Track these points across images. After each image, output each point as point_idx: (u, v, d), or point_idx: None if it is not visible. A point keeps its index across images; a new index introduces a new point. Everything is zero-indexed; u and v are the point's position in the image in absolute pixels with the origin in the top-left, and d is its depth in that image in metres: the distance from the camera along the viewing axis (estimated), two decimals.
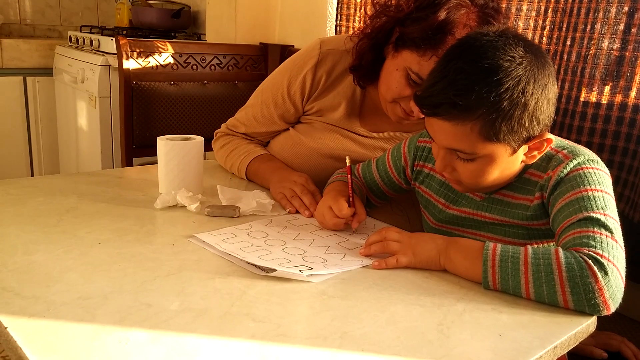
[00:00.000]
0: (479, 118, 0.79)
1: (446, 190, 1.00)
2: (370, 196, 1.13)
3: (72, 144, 2.64)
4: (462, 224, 0.98)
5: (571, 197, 0.82)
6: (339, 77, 1.22)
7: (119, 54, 1.71)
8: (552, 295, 0.74)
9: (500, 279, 0.77)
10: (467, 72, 0.79)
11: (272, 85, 1.27)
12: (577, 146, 0.89)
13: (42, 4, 3.14)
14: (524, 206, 0.89)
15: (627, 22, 1.24)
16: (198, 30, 2.84)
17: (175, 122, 1.83)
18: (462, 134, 0.81)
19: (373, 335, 0.66)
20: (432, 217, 1.03)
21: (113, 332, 0.62)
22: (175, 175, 1.09)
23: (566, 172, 0.85)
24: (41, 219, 0.94)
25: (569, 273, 0.73)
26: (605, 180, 0.84)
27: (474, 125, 0.80)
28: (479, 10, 1.02)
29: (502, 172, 0.86)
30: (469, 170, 0.86)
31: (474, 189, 0.93)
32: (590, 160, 0.85)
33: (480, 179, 0.87)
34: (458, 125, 0.81)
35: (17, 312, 0.64)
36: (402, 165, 1.07)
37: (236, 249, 0.86)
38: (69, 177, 1.20)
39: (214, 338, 0.63)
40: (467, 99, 0.78)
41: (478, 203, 0.95)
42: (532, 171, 0.89)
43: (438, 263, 0.84)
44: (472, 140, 0.81)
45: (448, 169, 0.88)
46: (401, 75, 1.08)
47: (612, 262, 0.73)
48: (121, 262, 0.80)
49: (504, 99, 0.78)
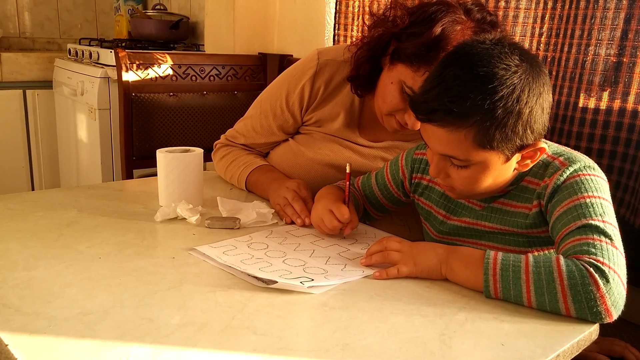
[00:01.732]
0: (473, 125, 0.80)
1: (446, 202, 1.00)
2: (369, 209, 1.13)
3: (72, 157, 2.64)
4: (463, 234, 0.98)
5: (569, 205, 0.82)
6: (337, 88, 1.22)
7: (118, 66, 1.72)
8: (554, 304, 0.74)
9: (501, 287, 0.77)
10: (463, 79, 0.80)
11: (271, 96, 1.27)
12: (574, 153, 0.89)
13: (42, 17, 3.15)
14: (522, 214, 0.90)
15: (624, 28, 1.24)
16: (197, 41, 2.85)
17: (174, 133, 1.83)
18: (456, 140, 0.82)
19: (375, 347, 0.65)
20: (432, 228, 1.03)
21: (114, 347, 0.62)
22: (175, 187, 1.09)
23: (563, 180, 0.85)
24: (42, 233, 0.94)
25: (571, 281, 0.73)
26: (603, 186, 0.84)
27: (467, 133, 0.80)
28: (476, 26, 1.01)
29: (494, 180, 0.87)
30: (463, 177, 0.86)
31: (468, 196, 0.94)
32: (587, 167, 0.86)
33: (473, 186, 0.87)
34: (452, 132, 0.81)
35: (18, 329, 0.64)
36: (400, 179, 1.07)
37: (237, 261, 0.86)
38: (69, 191, 1.20)
39: (216, 352, 0.63)
40: (461, 105, 0.79)
41: (478, 213, 0.95)
42: (530, 179, 0.89)
43: (439, 272, 0.84)
44: (466, 147, 0.82)
45: (442, 175, 0.89)
46: (395, 89, 1.08)
47: (613, 270, 0.73)
48: (122, 277, 0.80)
49: (499, 107, 0.78)
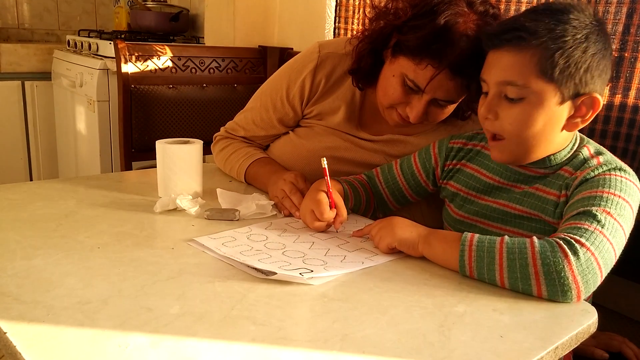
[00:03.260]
0: (540, 46, 0.83)
1: (477, 184, 1.01)
2: (389, 200, 1.14)
3: (70, 148, 2.64)
4: (490, 217, 0.98)
5: (584, 195, 0.83)
6: (338, 81, 1.21)
7: (117, 58, 1.71)
8: (525, 280, 0.75)
9: (476, 267, 0.79)
10: (540, 9, 0.87)
11: (271, 89, 1.26)
12: (615, 157, 0.90)
13: (40, 8, 3.14)
14: (553, 202, 0.90)
15: (626, 23, 1.24)
16: (197, 33, 2.84)
17: (174, 125, 1.83)
18: (520, 63, 0.84)
19: (374, 338, 0.65)
20: (457, 208, 1.04)
21: (113, 336, 0.62)
22: (174, 179, 1.09)
23: (593, 175, 0.86)
24: (40, 223, 0.94)
25: (542, 255, 0.74)
26: (630, 189, 0.84)
27: (533, 54, 0.83)
28: (478, 18, 1.00)
29: (544, 126, 0.86)
30: (513, 116, 0.87)
31: (513, 149, 0.90)
32: (621, 170, 0.86)
33: (523, 127, 0.87)
34: (519, 53, 0.84)
35: (17, 317, 0.64)
36: (432, 166, 1.08)
37: (236, 252, 0.86)
38: (68, 182, 1.20)
39: (215, 342, 0.63)
40: (534, 24, 0.84)
41: (513, 195, 0.95)
42: (567, 168, 0.91)
43: (416, 248, 0.87)
44: (529, 71, 0.84)
45: (491, 115, 0.89)
46: (397, 82, 1.07)
47: (588, 250, 0.73)
48: (121, 267, 0.80)
49: (569, 34, 0.82)
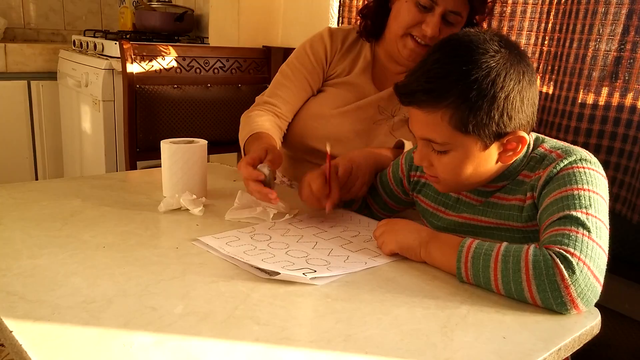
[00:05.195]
0: (448, 106, 0.82)
1: (444, 198, 1.01)
2: (374, 209, 1.16)
3: (76, 148, 2.65)
4: (459, 230, 0.98)
5: (557, 196, 0.82)
6: (351, 46, 1.33)
7: (122, 58, 1.72)
8: (519, 292, 0.75)
9: (472, 274, 0.79)
10: (442, 62, 0.83)
11: (296, 57, 1.35)
12: (573, 147, 0.89)
13: (46, 8, 3.15)
14: (517, 207, 0.90)
15: (625, 24, 1.24)
16: (201, 33, 2.85)
17: (178, 125, 1.84)
18: (433, 122, 0.84)
19: (377, 338, 0.66)
20: (430, 225, 1.04)
21: (117, 335, 0.62)
22: (179, 178, 1.10)
23: (557, 171, 0.85)
24: (45, 223, 0.94)
25: (535, 271, 0.73)
26: (597, 180, 0.83)
27: (444, 114, 0.82)
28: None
29: (476, 169, 0.87)
30: (444, 164, 0.88)
31: (454, 188, 0.95)
32: (583, 160, 0.85)
33: (454, 174, 0.88)
34: (430, 114, 0.84)
35: (22, 316, 0.65)
36: (399, 177, 1.09)
37: (240, 252, 0.87)
38: (73, 181, 1.21)
39: (218, 341, 0.63)
40: (438, 85, 0.82)
41: (476, 208, 0.95)
42: (526, 172, 0.90)
43: (418, 254, 0.87)
44: (443, 129, 0.84)
45: (425, 163, 0.91)
46: (411, 4, 1.17)
47: (582, 261, 0.73)
48: (125, 266, 0.80)
49: (473, 89, 0.80)
